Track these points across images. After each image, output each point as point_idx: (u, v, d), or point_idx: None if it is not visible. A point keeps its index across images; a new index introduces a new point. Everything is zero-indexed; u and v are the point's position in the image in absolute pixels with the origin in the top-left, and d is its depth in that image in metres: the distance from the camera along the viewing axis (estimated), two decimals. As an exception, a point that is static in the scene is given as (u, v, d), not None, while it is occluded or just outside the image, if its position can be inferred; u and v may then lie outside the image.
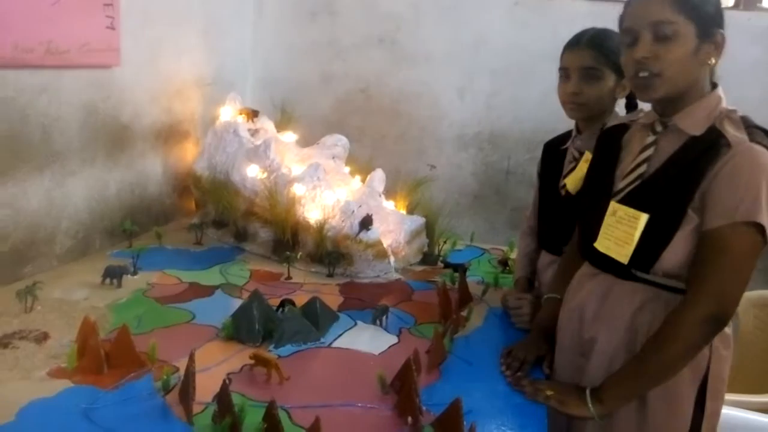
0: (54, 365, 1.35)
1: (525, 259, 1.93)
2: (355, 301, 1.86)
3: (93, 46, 1.94)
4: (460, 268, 2.08)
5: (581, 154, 1.73)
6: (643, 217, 1.30)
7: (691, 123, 1.31)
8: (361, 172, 2.40)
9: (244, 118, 2.42)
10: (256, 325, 1.54)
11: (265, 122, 2.49)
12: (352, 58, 3.11)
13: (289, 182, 2.15)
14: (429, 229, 2.30)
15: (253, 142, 2.32)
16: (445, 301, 1.75)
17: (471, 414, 1.23)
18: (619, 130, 1.49)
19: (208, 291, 1.85)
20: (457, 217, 2.79)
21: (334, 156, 2.41)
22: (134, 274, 1.89)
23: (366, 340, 1.61)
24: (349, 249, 2.06)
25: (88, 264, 1.95)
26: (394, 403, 1.29)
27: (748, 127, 1.28)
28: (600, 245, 1.39)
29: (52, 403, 1.22)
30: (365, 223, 2.05)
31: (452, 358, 1.53)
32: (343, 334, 1.64)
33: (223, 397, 1.17)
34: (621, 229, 1.34)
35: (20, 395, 1.22)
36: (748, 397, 1.97)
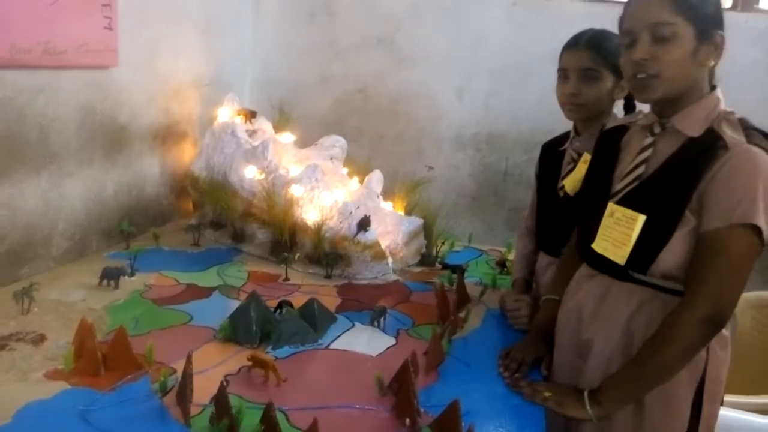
0: (51, 367, 1.35)
1: (523, 260, 1.93)
2: (353, 303, 1.86)
3: (90, 47, 1.94)
4: (458, 270, 2.08)
5: (579, 156, 1.72)
6: (641, 218, 1.30)
7: (689, 124, 1.31)
8: (359, 173, 2.39)
9: (242, 119, 2.42)
10: (253, 326, 1.54)
11: (263, 123, 2.48)
12: (350, 59, 3.11)
13: (286, 183, 2.15)
14: (427, 231, 2.30)
15: (251, 143, 2.32)
16: (443, 303, 1.75)
17: (469, 415, 1.23)
18: (618, 132, 1.49)
19: (206, 292, 1.85)
20: (455, 218, 2.78)
21: (332, 157, 2.41)
22: (131, 275, 1.88)
23: (364, 342, 1.61)
24: (347, 250, 2.06)
25: (85, 265, 1.95)
26: (392, 405, 1.29)
27: (746, 128, 1.28)
28: (597, 246, 1.39)
29: (48, 405, 1.21)
30: (363, 225, 2.04)
31: (450, 360, 1.53)
32: (340, 335, 1.64)
33: (221, 399, 1.17)
34: (618, 230, 1.34)
35: (17, 397, 1.22)
36: (746, 398, 1.97)
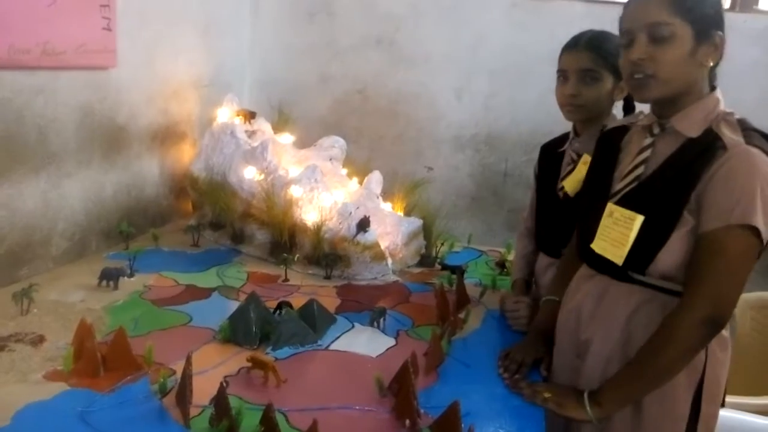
0: (50, 368, 1.35)
1: (522, 261, 1.93)
2: (353, 303, 1.85)
3: (89, 47, 1.94)
4: (458, 270, 2.08)
5: (579, 156, 1.72)
6: (639, 218, 1.30)
7: (688, 125, 1.31)
8: (358, 174, 2.39)
9: (242, 120, 2.42)
10: (253, 327, 1.54)
11: (262, 124, 2.48)
12: (349, 59, 3.10)
13: (286, 184, 2.15)
14: (426, 231, 2.30)
15: (251, 144, 2.31)
16: (443, 303, 1.74)
17: (469, 416, 1.23)
18: (618, 132, 1.49)
19: (205, 293, 1.85)
20: (455, 219, 2.79)
21: (332, 157, 2.41)
22: (131, 276, 1.88)
23: (363, 343, 1.61)
24: (346, 251, 2.06)
25: (85, 266, 1.95)
26: (392, 406, 1.29)
27: (744, 129, 1.28)
28: (596, 246, 1.39)
29: (48, 406, 1.21)
30: (362, 225, 2.04)
31: (450, 361, 1.52)
32: (340, 336, 1.64)
33: (220, 400, 1.17)
34: (617, 230, 1.34)
35: (16, 398, 1.22)
36: (746, 399, 1.97)
